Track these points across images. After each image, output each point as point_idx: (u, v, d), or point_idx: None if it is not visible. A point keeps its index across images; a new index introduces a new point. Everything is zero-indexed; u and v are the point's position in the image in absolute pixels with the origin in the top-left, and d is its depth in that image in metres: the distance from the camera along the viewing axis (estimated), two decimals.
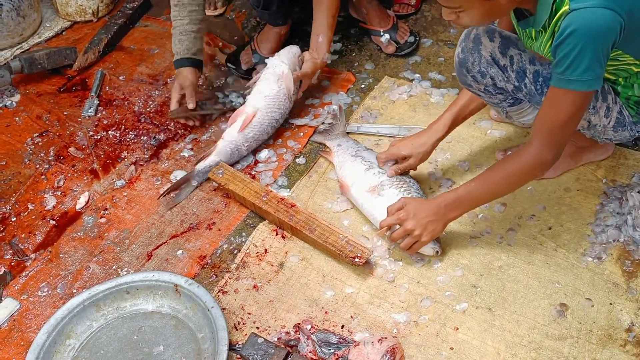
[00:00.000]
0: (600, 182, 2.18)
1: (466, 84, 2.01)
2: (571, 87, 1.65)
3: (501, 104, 2.01)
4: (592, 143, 2.17)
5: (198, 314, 1.88)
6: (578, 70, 1.62)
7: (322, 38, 2.49)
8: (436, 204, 1.93)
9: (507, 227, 2.08)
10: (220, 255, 2.11)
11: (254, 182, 2.23)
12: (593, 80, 1.64)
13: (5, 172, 2.45)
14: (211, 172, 2.27)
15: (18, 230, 2.24)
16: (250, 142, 2.38)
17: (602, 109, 1.88)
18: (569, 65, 1.62)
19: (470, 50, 1.93)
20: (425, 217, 1.91)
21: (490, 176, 1.90)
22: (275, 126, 2.45)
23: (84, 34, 3.13)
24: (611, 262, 1.97)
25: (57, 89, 2.82)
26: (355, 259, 1.95)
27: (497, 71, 1.91)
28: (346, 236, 2.01)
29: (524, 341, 1.81)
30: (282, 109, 2.44)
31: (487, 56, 1.91)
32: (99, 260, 2.13)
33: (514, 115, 2.04)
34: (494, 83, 1.94)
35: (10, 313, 1.99)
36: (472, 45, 1.93)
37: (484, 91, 1.99)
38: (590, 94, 1.69)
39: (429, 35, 2.90)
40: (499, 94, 1.97)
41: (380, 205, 2.05)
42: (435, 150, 2.33)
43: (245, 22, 3.12)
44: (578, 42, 1.58)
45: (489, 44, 1.90)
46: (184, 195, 2.30)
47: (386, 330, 1.86)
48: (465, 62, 1.95)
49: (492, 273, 1.98)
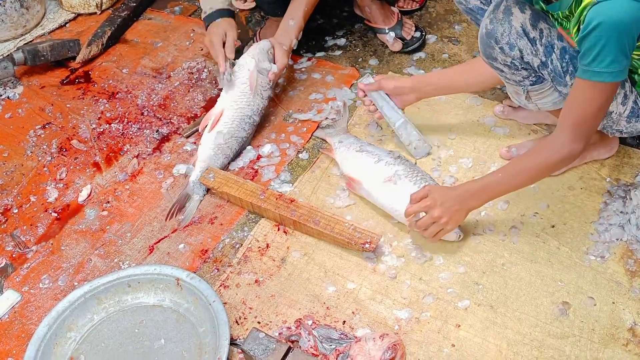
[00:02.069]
0: (604, 180, 2.17)
1: (491, 57, 1.96)
2: (598, 78, 1.66)
3: (523, 82, 1.98)
4: (597, 141, 2.17)
5: (199, 308, 1.88)
6: (604, 63, 1.62)
7: (292, 22, 2.49)
8: (460, 193, 1.93)
9: (510, 225, 2.08)
10: (222, 250, 2.11)
11: (248, 181, 2.21)
12: (619, 72, 1.65)
13: (7, 164, 2.45)
14: (202, 177, 2.24)
15: (20, 222, 2.24)
16: (228, 139, 2.34)
17: (620, 96, 1.88)
18: (594, 57, 1.62)
19: (500, 21, 1.89)
20: (451, 205, 1.90)
21: (518, 166, 1.91)
22: (249, 122, 2.40)
23: (87, 26, 3.12)
24: (614, 261, 1.97)
25: (60, 81, 2.82)
26: (366, 245, 1.95)
27: (526, 43, 1.88)
28: (352, 224, 2.01)
29: (526, 339, 1.81)
30: (251, 105, 2.40)
31: (517, 27, 1.87)
32: (101, 253, 2.12)
33: (534, 96, 2.01)
34: (521, 56, 1.90)
35: (12, 305, 1.99)
36: (503, 15, 1.88)
37: (509, 64, 1.94)
38: (616, 85, 1.70)
39: (434, 32, 2.89)
40: (524, 69, 1.94)
41: (399, 195, 2.04)
42: (438, 146, 2.34)
43: (250, 17, 3.12)
44: (603, 35, 1.59)
45: (520, 15, 1.86)
46: (192, 211, 2.24)
47: (388, 327, 1.86)
48: (495, 32, 1.90)
49: (495, 270, 1.97)
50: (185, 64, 2.84)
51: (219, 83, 2.46)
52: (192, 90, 2.72)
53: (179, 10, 3.21)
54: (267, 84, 2.44)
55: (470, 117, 2.44)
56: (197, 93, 2.70)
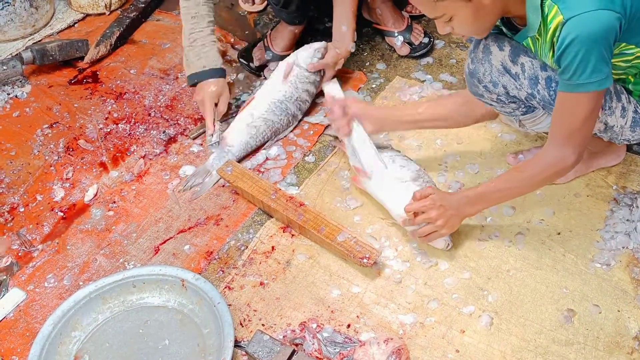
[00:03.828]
0: (611, 188, 2.17)
1: (477, 94, 1.99)
2: (581, 90, 1.65)
3: (514, 113, 1.99)
4: (603, 148, 2.17)
5: (204, 310, 1.88)
6: (585, 74, 1.61)
7: (345, 27, 2.50)
8: (458, 198, 1.94)
9: (516, 231, 2.08)
10: (227, 251, 2.11)
11: (262, 180, 2.22)
12: (602, 80, 1.63)
13: (14, 163, 2.45)
14: (220, 169, 2.27)
15: (26, 220, 2.25)
16: (256, 118, 2.40)
17: (618, 109, 1.88)
18: (574, 71, 1.62)
19: (480, 60, 1.90)
20: (449, 209, 1.91)
21: (513, 177, 1.90)
22: (281, 107, 2.44)
23: (96, 26, 3.13)
24: (620, 268, 1.96)
25: (68, 81, 2.82)
26: (364, 260, 1.95)
27: (509, 79, 1.89)
28: (354, 236, 2.01)
29: (530, 346, 1.81)
30: (282, 91, 2.45)
31: (497, 65, 1.88)
32: (106, 253, 2.13)
33: (528, 124, 2.02)
34: (506, 92, 1.92)
35: (17, 303, 1.99)
36: (482, 55, 1.90)
37: (496, 100, 1.96)
38: (602, 93, 1.69)
39: (441, 37, 2.89)
40: (511, 102, 1.95)
41: (400, 194, 2.05)
42: (445, 151, 2.34)
43: (258, 19, 3.12)
44: (580, 49, 1.58)
45: (498, 53, 1.87)
46: (208, 186, 2.31)
47: (392, 331, 1.86)
48: (477, 72, 1.92)
49: (500, 277, 1.97)
50: None
51: (207, 142, 2.46)
52: None
53: None
54: (304, 77, 2.47)
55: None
56: None
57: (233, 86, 2.72)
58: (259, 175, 2.26)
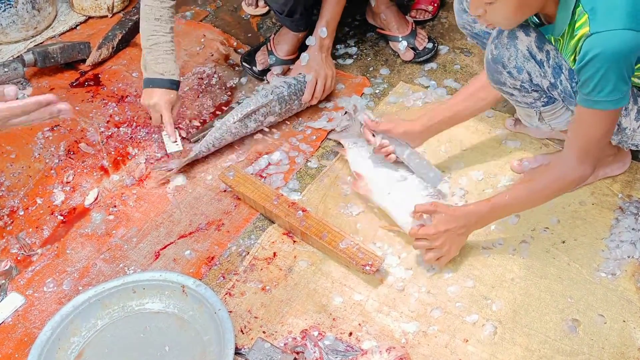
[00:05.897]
0: (616, 196, 2.15)
1: (499, 82, 1.94)
2: (599, 107, 1.66)
3: (535, 104, 1.96)
4: (609, 157, 2.15)
5: (204, 316, 1.86)
6: (604, 92, 1.62)
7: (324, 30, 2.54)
8: (467, 216, 1.92)
9: (520, 240, 2.06)
10: (228, 257, 2.09)
11: (264, 185, 2.20)
12: (620, 99, 1.64)
13: (14, 166, 2.44)
14: (221, 174, 2.25)
15: (26, 224, 2.23)
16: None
17: (634, 112, 1.87)
18: (594, 87, 1.62)
19: (505, 45, 1.86)
20: (455, 230, 1.90)
21: (526, 189, 1.90)
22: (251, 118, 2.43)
23: (98, 29, 3.11)
24: (625, 278, 1.94)
25: (69, 84, 2.81)
26: (366, 267, 1.93)
27: (534, 65, 1.85)
28: (357, 243, 1.99)
29: (534, 356, 1.79)
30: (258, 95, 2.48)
31: (524, 50, 1.84)
32: (106, 258, 2.11)
33: (547, 117, 1.99)
34: (530, 79, 1.88)
35: (15, 308, 1.97)
36: (507, 40, 1.86)
37: (519, 88, 1.92)
38: (618, 110, 1.70)
39: (446, 43, 2.87)
40: (534, 91, 1.92)
41: (402, 200, 2.05)
42: (450, 159, 2.32)
43: (261, 23, 3.11)
44: (602, 66, 1.58)
45: (525, 38, 1.83)
46: (179, 164, 2.34)
47: (394, 340, 1.84)
48: (501, 57, 1.88)
49: (504, 285, 1.95)
50: (196, 69, 2.83)
51: (168, 150, 2.43)
52: (201, 96, 2.70)
53: (190, 15, 3.20)
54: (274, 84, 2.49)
55: (481, 129, 2.42)
56: (206, 99, 2.69)
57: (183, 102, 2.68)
58: (261, 181, 2.24)
